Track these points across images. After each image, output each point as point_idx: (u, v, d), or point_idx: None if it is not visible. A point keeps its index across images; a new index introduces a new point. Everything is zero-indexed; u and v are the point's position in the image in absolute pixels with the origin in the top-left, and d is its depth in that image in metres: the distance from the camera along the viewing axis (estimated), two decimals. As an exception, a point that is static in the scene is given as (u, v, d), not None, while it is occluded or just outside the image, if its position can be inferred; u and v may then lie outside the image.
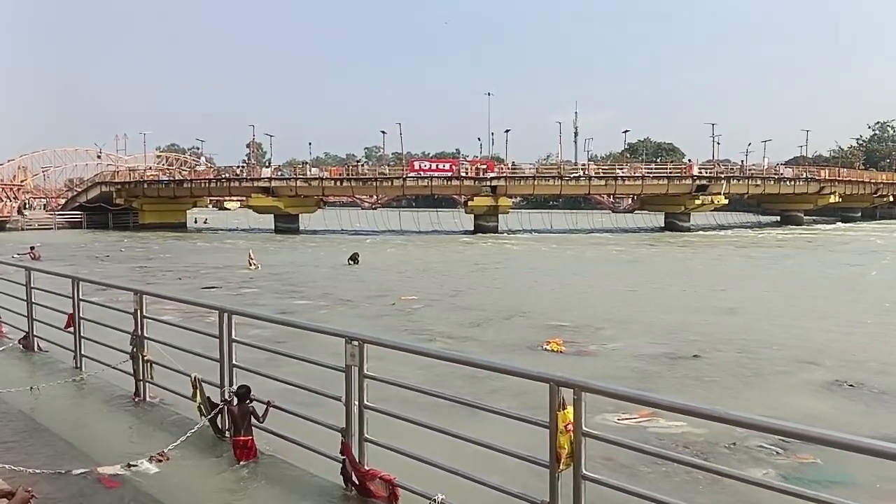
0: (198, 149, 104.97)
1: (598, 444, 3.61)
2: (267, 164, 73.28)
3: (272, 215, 59.88)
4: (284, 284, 23.44)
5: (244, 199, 68.43)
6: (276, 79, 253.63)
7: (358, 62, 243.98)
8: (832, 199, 68.23)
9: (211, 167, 73.65)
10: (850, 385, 10.36)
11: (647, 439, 7.40)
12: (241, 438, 5.31)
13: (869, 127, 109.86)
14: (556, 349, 12.76)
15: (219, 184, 62.24)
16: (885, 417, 9.03)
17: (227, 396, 5.63)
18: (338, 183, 60.22)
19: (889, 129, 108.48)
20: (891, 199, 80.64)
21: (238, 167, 69.45)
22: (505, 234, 55.25)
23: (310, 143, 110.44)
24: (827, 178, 68.27)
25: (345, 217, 66.76)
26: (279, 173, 62.06)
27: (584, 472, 3.48)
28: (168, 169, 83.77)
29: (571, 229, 60.90)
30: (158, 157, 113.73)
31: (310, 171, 63.05)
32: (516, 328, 15.23)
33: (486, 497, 4.03)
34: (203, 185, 62.72)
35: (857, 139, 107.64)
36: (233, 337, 5.69)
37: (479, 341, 13.83)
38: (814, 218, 72.94)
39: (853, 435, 2.94)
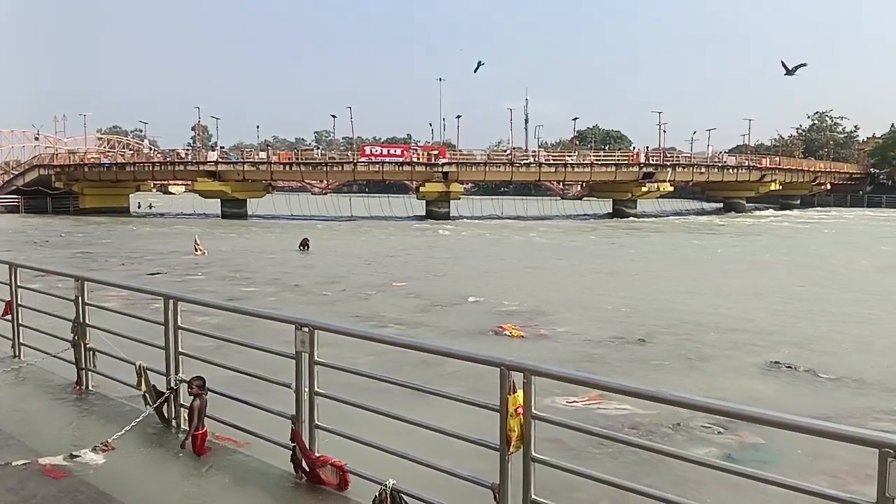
0: (141, 131, 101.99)
1: (548, 427, 3.67)
2: (213, 147, 71.65)
3: (219, 200, 58.69)
4: (232, 271, 23.05)
5: (189, 183, 66.87)
6: (222, 60, 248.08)
7: (308, 45, 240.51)
8: (773, 187, 70.33)
9: (155, 150, 71.67)
10: (788, 367, 10.75)
11: (595, 421, 7.55)
12: (200, 432, 5.21)
13: (808, 117, 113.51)
14: (515, 334, 12.95)
15: (163, 167, 60.65)
16: (821, 398, 9.41)
17: (173, 385, 5.52)
18: (287, 167, 59.28)
19: (827, 119, 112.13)
20: (828, 186, 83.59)
21: (184, 150, 67.76)
22: (456, 220, 55.38)
23: (257, 127, 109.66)
24: (768, 166, 70.33)
25: (294, 202, 65.86)
26: (226, 157, 60.82)
27: (534, 454, 3.53)
28: (110, 152, 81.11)
29: (522, 216, 61.42)
30: (100, 139, 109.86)
31: (258, 154, 61.93)
32: (468, 313, 15.32)
33: (437, 481, 4.05)
34: (147, 168, 61.02)
35: (797, 129, 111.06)
36: (178, 324, 5.57)
37: (431, 327, 13.88)
38: (755, 205, 75.08)
39: (790, 415, 3.07)
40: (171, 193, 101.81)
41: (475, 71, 77.29)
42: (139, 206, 69.37)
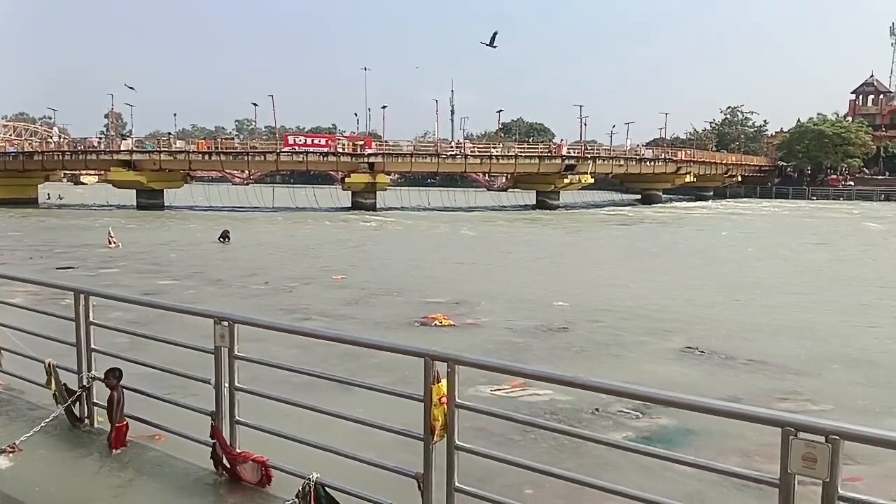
0: (50, 118, 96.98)
1: (472, 415, 3.71)
2: (127, 135, 68.87)
3: (134, 191, 56.49)
4: (148, 264, 22.28)
5: (103, 173, 64.11)
6: (137, 45, 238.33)
7: (228, 31, 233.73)
8: (688, 179, 73.00)
9: (65, 138, 68.30)
10: (701, 352, 11.22)
11: (517, 408, 7.68)
12: (117, 425, 5.04)
13: (721, 111, 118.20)
14: (445, 323, 13.07)
15: (74, 156, 57.90)
16: (730, 380, 9.86)
17: (85, 382, 5.30)
18: (206, 157, 57.50)
19: (739, 113, 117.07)
20: (739, 178, 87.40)
21: (96, 139, 64.84)
22: (383, 211, 55.14)
23: (175, 115, 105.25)
24: (683, 158, 72.97)
25: (214, 193, 64.01)
26: (141, 146, 58.57)
27: (458, 442, 3.56)
28: (16, 140, 76.79)
29: (448, 206, 61.68)
30: (5, 126, 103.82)
31: (175, 143, 59.92)
32: (394, 305, 15.31)
33: (361, 473, 4.05)
34: (56, 157, 58.17)
35: (711, 123, 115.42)
36: (90, 319, 5.35)
37: (357, 319, 13.80)
38: (671, 197, 77.77)
39: (701, 397, 3.20)
40: (83, 184, 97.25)
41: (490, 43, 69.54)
42: (48, 198, 65.99)
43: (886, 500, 2.56)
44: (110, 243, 27.04)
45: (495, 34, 63.72)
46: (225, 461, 4.47)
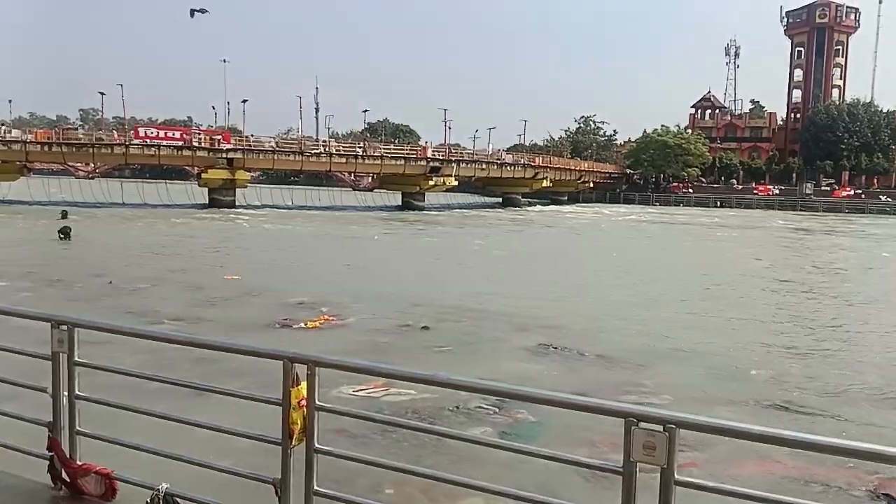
0: None
1: (333, 417, 3.69)
2: (-48, 122, 62.37)
3: (-39, 183, 51.24)
4: (-24, 263, 20.27)
5: (-78, 162, 57.55)
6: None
7: (73, 13, 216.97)
8: (545, 184, 76.21)
9: None
10: (555, 348, 11.75)
11: (379, 409, 7.71)
12: None
13: (575, 120, 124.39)
14: (311, 326, 12.89)
15: None
16: (581, 375, 10.41)
17: None
18: (45, 148, 53.13)
19: (591, 122, 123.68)
20: (591, 185, 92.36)
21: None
22: (242, 210, 53.29)
23: (10, 101, 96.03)
24: (541, 164, 76.12)
25: (54, 186, 59.20)
26: (-30, 134, 53.19)
27: (317, 445, 3.52)
28: None
29: (312, 206, 60.65)
30: None
31: (10, 132, 54.85)
32: (253, 306, 14.87)
33: (216, 481, 3.91)
34: None
35: (566, 131, 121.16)
36: None
37: (214, 322, 13.29)
38: (529, 200, 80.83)
39: (553, 391, 3.37)
40: None
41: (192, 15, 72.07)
42: None
43: (717, 482, 2.79)
44: (-71, 240, 24.38)
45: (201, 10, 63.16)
46: (64, 474, 4.17)
